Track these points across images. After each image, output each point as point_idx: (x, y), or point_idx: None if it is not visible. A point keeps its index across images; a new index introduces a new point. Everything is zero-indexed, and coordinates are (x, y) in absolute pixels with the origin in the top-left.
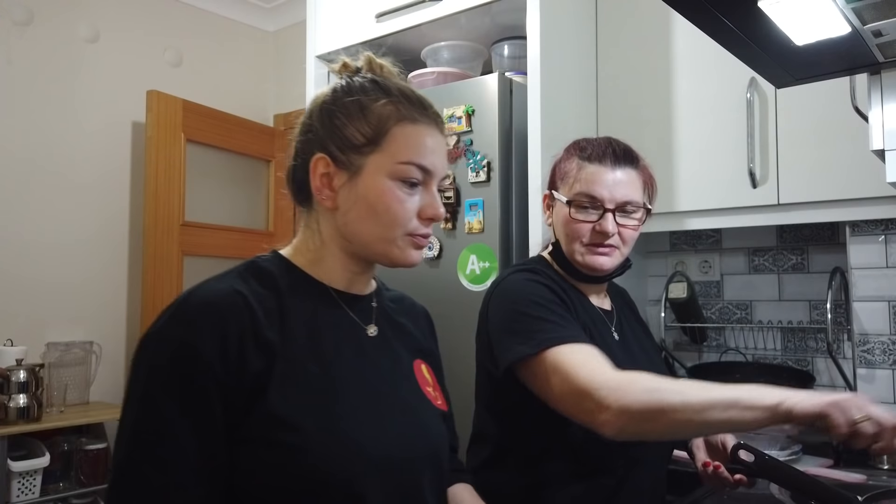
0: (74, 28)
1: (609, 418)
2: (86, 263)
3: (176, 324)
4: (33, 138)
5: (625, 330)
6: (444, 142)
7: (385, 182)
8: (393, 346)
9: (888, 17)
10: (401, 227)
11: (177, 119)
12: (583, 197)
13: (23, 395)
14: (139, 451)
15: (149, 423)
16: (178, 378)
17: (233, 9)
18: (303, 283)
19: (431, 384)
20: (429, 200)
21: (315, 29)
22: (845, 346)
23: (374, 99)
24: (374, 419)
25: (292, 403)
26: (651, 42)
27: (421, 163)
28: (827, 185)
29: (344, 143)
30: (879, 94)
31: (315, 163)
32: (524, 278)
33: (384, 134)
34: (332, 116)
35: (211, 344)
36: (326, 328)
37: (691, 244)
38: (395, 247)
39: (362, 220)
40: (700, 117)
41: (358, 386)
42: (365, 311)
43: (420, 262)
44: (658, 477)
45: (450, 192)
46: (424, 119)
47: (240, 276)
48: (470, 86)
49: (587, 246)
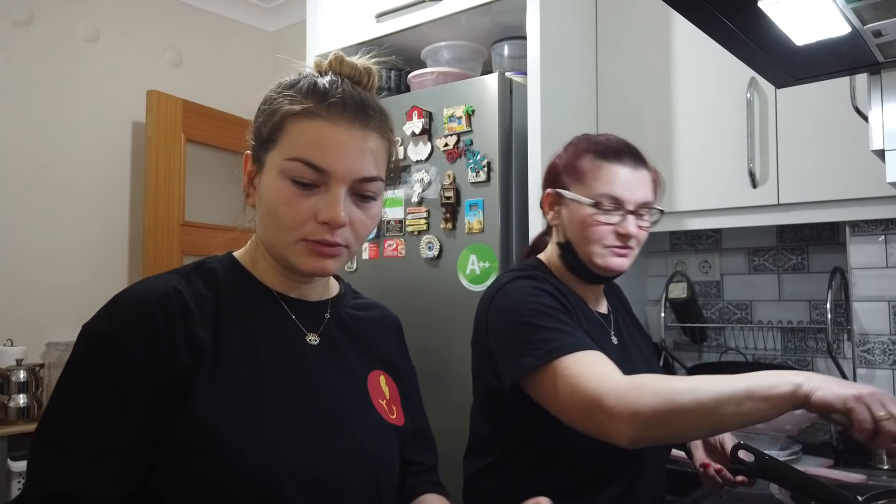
0: (74, 28)
1: (621, 428)
2: (86, 263)
3: (105, 319)
4: (33, 138)
5: (622, 333)
6: (358, 138)
7: (276, 180)
8: (342, 354)
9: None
10: (290, 230)
11: (177, 119)
12: (606, 198)
13: (23, 395)
14: (49, 447)
15: (65, 418)
16: (99, 374)
17: (233, 9)
18: (245, 284)
19: (387, 397)
20: (326, 203)
21: (315, 29)
22: (845, 346)
23: (286, 95)
24: (299, 429)
25: (216, 407)
26: (651, 42)
27: (311, 161)
28: (827, 185)
29: (257, 139)
30: (879, 94)
31: (245, 160)
32: (524, 286)
33: (280, 129)
34: (257, 114)
35: (137, 340)
36: (263, 332)
37: (691, 244)
38: (291, 252)
39: (262, 220)
40: (700, 117)
41: (287, 394)
42: (312, 319)
43: (329, 272)
44: (658, 478)
45: (450, 192)
46: (327, 114)
47: (184, 275)
48: (470, 86)
49: (607, 248)
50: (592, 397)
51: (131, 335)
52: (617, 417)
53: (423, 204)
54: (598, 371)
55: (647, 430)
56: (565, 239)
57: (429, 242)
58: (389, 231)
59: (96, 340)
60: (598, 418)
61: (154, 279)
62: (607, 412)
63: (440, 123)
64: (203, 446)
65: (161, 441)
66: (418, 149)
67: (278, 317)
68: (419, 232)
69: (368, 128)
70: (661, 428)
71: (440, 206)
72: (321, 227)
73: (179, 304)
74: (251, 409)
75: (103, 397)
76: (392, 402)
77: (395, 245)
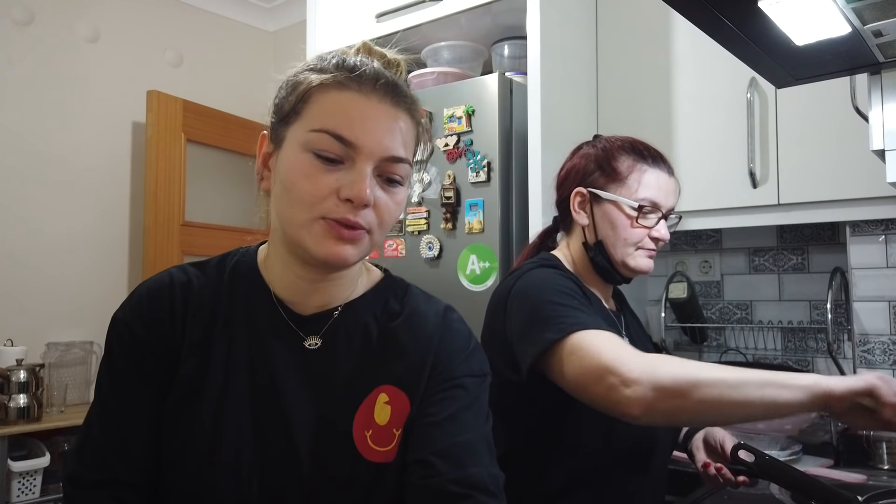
0: (74, 28)
1: (637, 392)
2: (86, 263)
3: (126, 306)
4: (33, 138)
5: (631, 332)
6: (389, 115)
7: (297, 154)
8: (338, 363)
9: (888, 17)
10: (309, 207)
11: (177, 119)
12: (649, 204)
13: (23, 395)
14: (85, 431)
15: (99, 402)
16: (118, 355)
17: (233, 9)
18: (249, 285)
19: (382, 424)
20: (350, 179)
21: (315, 29)
22: (845, 347)
23: (312, 68)
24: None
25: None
26: (651, 42)
27: (338, 132)
28: (827, 185)
29: (277, 115)
30: (880, 94)
31: (260, 141)
32: (547, 273)
33: (305, 100)
34: (277, 92)
35: (150, 327)
36: (250, 339)
37: (691, 244)
38: (307, 233)
39: (278, 201)
40: (700, 117)
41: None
42: (317, 320)
43: (348, 261)
44: (659, 478)
45: (450, 192)
46: (357, 86)
47: (204, 267)
48: (470, 86)
49: (640, 250)
50: (609, 363)
51: (143, 322)
52: (634, 382)
53: (424, 204)
54: (619, 345)
55: (665, 400)
56: (595, 239)
57: (429, 242)
58: (389, 231)
59: (117, 327)
60: (611, 382)
61: (176, 269)
62: (623, 376)
63: (440, 123)
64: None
65: None
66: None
67: (271, 322)
68: (419, 232)
69: (399, 107)
70: (679, 398)
71: (440, 206)
72: (343, 204)
73: (184, 301)
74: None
75: (128, 378)
76: (389, 429)
77: (396, 245)
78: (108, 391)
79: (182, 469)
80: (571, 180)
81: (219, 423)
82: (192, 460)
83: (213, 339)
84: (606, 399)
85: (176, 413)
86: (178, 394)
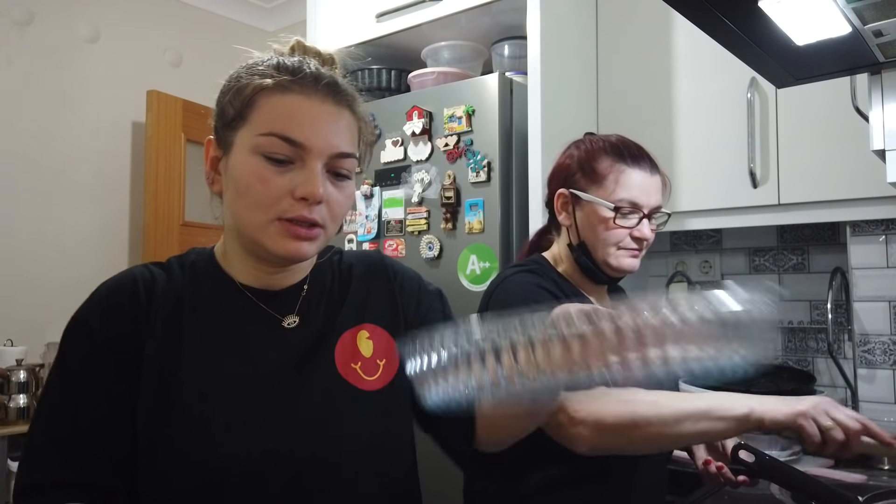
0: (74, 28)
1: (581, 432)
2: (86, 263)
3: (84, 306)
4: (33, 138)
5: None
6: (332, 113)
7: (248, 157)
8: (321, 327)
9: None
10: (265, 208)
11: (177, 119)
12: (626, 203)
13: (23, 395)
14: (37, 436)
15: (51, 404)
16: (75, 355)
17: (233, 9)
18: (215, 278)
19: (368, 355)
20: (302, 178)
21: (315, 29)
22: (846, 347)
23: (253, 72)
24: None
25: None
26: (651, 42)
27: (286, 134)
28: (827, 185)
29: (222, 120)
30: (880, 94)
31: (206, 145)
32: (525, 280)
33: (251, 105)
34: (220, 95)
35: (106, 321)
36: (215, 326)
37: (692, 244)
38: (264, 234)
39: (233, 204)
40: (700, 117)
41: (251, 391)
42: (288, 302)
43: (307, 256)
44: (659, 478)
45: (450, 192)
46: (299, 88)
47: (166, 265)
48: (470, 86)
49: (622, 249)
50: (559, 401)
51: (101, 317)
52: (579, 423)
53: (424, 204)
54: None
55: (608, 438)
56: (578, 240)
57: (429, 242)
58: (389, 231)
59: (71, 327)
60: (560, 419)
61: (139, 266)
62: (570, 416)
63: (440, 123)
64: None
65: None
66: (418, 149)
67: (240, 309)
68: (419, 232)
69: (341, 104)
70: (621, 437)
71: (440, 206)
72: (298, 203)
73: (147, 291)
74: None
75: (80, 377)
76: (376, 359)
77: (396, 245)
78: (60, 394)
79: (175, 456)
80: (556, 181)
81: (208, 409)
82: (186, 448)
83: (184, 328)
84: (557, 435)
85: (154, 403)
86: (151, 384)
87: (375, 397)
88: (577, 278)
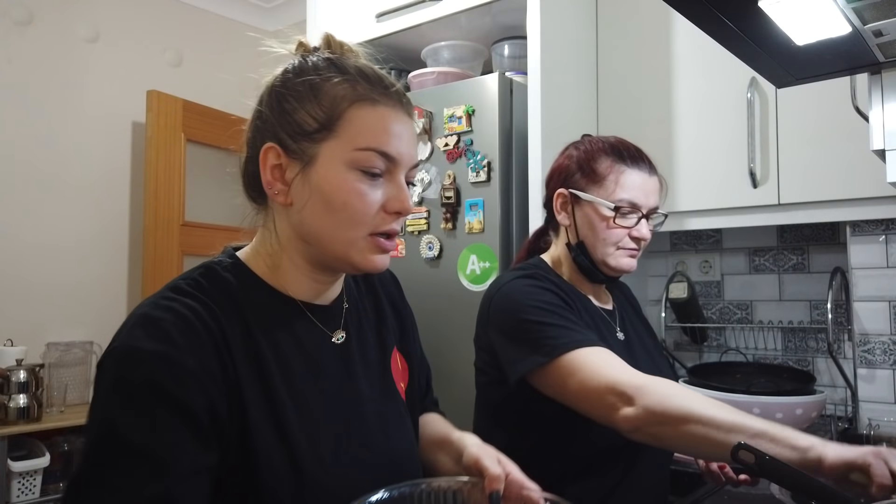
0: (74, 28)
1: (631, 413)
2: (86, 263)
3: (151, 337)
4: (33, 138)
5: (628, 329)
6: (411, 126)
7: (342, 172)
8: (366, 342)
9: (888, 17)
10: (361, 224)
11: (177, 119)
12: (626, 203)
13: (23, 395)
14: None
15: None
16: (158, 393)
17: (233, 9)
18: (263, 296)
19: (401, 370)
20: (394, 192)
21: (315, 29)
22: (846, 346)
23: (328, 78)
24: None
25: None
26: (651, 42)
27: (383, 149)
28: (827, 185)
29: (295, 129)
30: (880, 93)
31: (265, 153)
32: (524, 284)
33: (339, 117)
34: (282, 100)
35: (191, 356)
36: (291, 346)
37: (692, 244)
38: (354, 249)
39: (318, 218)
40: (700, 117)
41: (324, 411)
42: (334, 317)
43: (385, 268)
44: (660, 477)
45: (450, 192)
46: (386, 100)
47: (196, 288)
48: (470, 86)
49: (620, 249)
50: (609, 383)
51: (183, 352)
52: (631, 403)
53: (424, 204)
54: (613, 363)
55: (654, 425)
56: (577, 240)
57: (429, 242)
58: None
59: (144, 359)
60: (610, 401)
61: (165, 300)
62: (622, 396)
63: (440, 123)
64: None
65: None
66: (418, 148)
67: (304, 325)
68: (419, 232)
69: (411, 115)
70: (667, 426)
71: (440, 206)
72: (390, 216)
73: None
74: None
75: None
76: (404, 373)
77: (396, 245)
78: (142, 440)
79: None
80: (555, 181)
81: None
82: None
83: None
84: (601, 415)
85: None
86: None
87: (406, 404)
88: (575, 277)
